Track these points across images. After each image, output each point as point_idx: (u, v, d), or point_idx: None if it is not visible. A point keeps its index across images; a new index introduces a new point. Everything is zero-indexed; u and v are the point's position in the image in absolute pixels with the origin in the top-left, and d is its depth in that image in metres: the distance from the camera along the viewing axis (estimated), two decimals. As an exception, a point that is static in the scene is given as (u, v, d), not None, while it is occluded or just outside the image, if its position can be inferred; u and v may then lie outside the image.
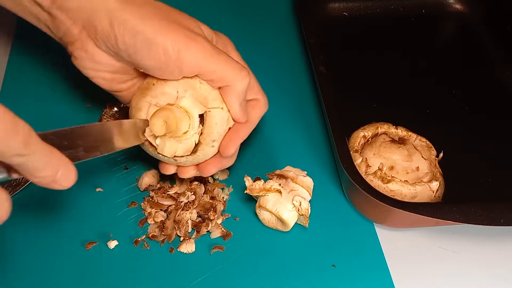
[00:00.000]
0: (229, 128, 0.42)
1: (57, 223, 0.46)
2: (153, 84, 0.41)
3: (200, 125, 0.41)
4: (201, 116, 0.41)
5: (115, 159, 0.51)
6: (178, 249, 0.45)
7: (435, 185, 0.47)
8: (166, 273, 0.43)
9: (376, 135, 0.52)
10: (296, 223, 0.46)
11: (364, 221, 0.48)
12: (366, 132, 0.51)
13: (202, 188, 0.48)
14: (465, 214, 0.42)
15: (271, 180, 0.45)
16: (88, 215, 0.47)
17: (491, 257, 0.47)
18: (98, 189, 0.48)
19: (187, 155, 0.42)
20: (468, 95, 0.59)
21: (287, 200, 0.44)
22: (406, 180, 0.47)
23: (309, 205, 0.44)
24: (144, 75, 0.42)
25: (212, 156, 0.43)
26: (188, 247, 0.45)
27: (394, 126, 0.52)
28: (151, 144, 0.42)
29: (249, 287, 0.43)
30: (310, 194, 0.45)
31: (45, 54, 0.59)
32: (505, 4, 0.65)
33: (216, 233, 0.46)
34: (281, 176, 0.46)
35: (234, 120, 0.42)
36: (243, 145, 0.53)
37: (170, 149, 0.41)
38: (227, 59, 0.40)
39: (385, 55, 0.63)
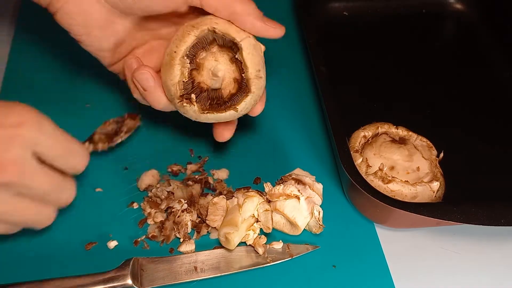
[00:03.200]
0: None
1: (57, 223, 0.46)
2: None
3: (234, 64, 0.42)
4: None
5: (115, 159, 0.51)
6: (178, 250, 0.45)
7: (435, 185, 0.47)
8: (166, 274, 0.43)
9: (376, 135, 0.52)
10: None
11: (365, 221, 0.48)
12: (366, 132, 0.51)
13: (197, 189, 0.48)
14: (465, 214, 0.42)
15: (290, 186, 0.45)
16: (88, 215, 0.47)
17: (491, 257, 0.47)
18: (98, 189, 0.48)
19: (245, 99, 0.41)
20: (468, 95, 0.59)
21: (304, 207, 0.44)
22: (407, 180, 0.47)
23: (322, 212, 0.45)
24: (133, 30, 0.43)
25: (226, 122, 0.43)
26: (188, 247, 0.45)
27: (395, 126, 0.52)
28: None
29: (249, 287, 0.43)
30: (321, 199, 0.46)
31: (44, 55, 0.59)
32: (505, 4, 0.65)
33: (216, 234, 0.46)
34: (298, 181, 0.45)
35: (274, 37, 0.41)
36: (243, 145, 0.53)
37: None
38: None
39: (385, 55, 0.63)
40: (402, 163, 0.50)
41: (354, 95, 0.58)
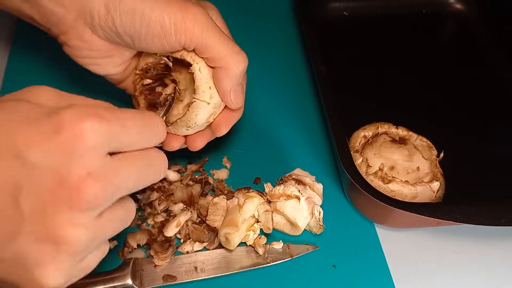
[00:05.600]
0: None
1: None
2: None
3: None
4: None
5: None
6: (178, 250, 0.45)
7: (436, 185, 0.47)
8: (166, 274, 0.43)
9: (376, 135, 0.52)
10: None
11: (365, 221, 0.48)
12: (366, 132, 0.51)
13: (197, 189, 0.48)
14: (465, 214, 0.42)
15: (290, 186, 0.45)
16: (88, 215, 0.46)
17: (491, 257, 0.47)
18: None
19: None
20: (468, 95, 0.59)
21: (304, 208, 0.44)
22: (407, 180, 0.47)
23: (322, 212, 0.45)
24: (139, 55, 0.44)
25: (201, 131, 0.44)
26: (188, 247, 0.45)
27: (395, 126, 0.52)
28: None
29: (249, 287, 0.43)
30: (321, 199, 0.46)
31: (44, 58, 0.59)
32: (505, 4, 0.65)
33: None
34: (298, 182, 0.45)
35: (231, 107, 0.42)
36: (243, 145, 0.53)
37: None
38: (223, 37, 0.39)
39: (385, 55, 0.63)
40: (402, 163, 0.50)
41: (354, 95, 0.58)
